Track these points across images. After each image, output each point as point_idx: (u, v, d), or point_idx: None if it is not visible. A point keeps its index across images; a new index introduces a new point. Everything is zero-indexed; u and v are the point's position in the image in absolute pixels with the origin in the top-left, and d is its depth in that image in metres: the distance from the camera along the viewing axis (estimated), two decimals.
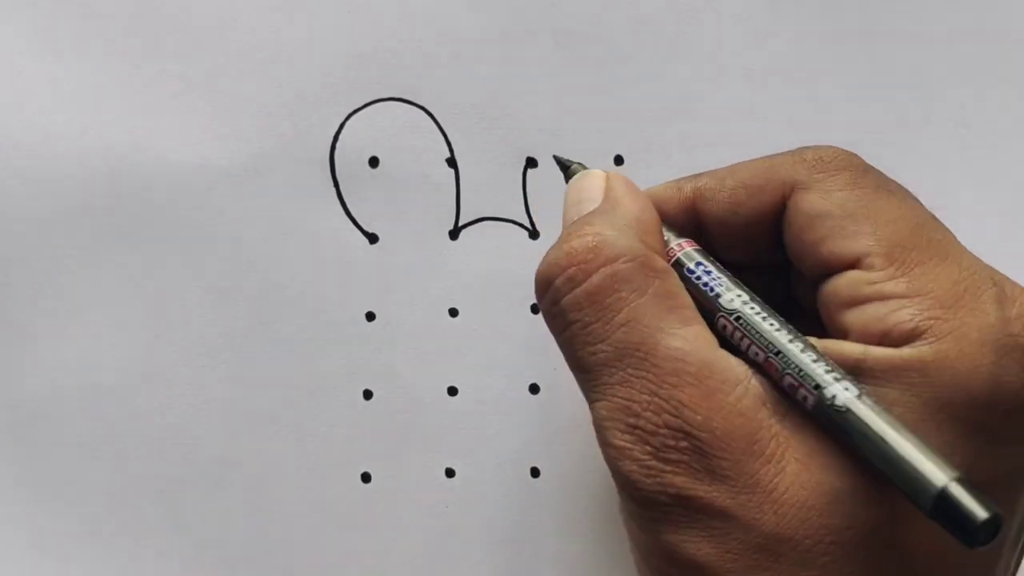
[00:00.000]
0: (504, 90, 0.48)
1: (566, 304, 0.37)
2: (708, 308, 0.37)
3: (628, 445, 0.35)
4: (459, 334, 0.49)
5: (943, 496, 0.32)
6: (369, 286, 0.49)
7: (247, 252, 0.49)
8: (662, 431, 0.34)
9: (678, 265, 0.38)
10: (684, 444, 0.34)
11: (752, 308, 0.37)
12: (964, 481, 0.32)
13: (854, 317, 0.36)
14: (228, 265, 0.49)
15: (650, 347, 0.35)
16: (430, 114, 0.49)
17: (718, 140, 0.49)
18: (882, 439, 0.33)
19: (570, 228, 0.38)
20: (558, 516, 0.49)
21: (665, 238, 0.39)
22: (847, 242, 0.36)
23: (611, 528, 0.49)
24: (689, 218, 0.40)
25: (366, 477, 0.50)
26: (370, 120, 0.48)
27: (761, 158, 0.40)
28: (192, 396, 0.49)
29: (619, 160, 0.49)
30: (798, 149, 0.39)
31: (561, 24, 0.48)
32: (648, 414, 0.35)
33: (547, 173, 0.49)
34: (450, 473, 0.49)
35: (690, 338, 0.35)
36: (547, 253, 0.38)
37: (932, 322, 0.34)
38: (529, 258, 0.48)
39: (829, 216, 0.37)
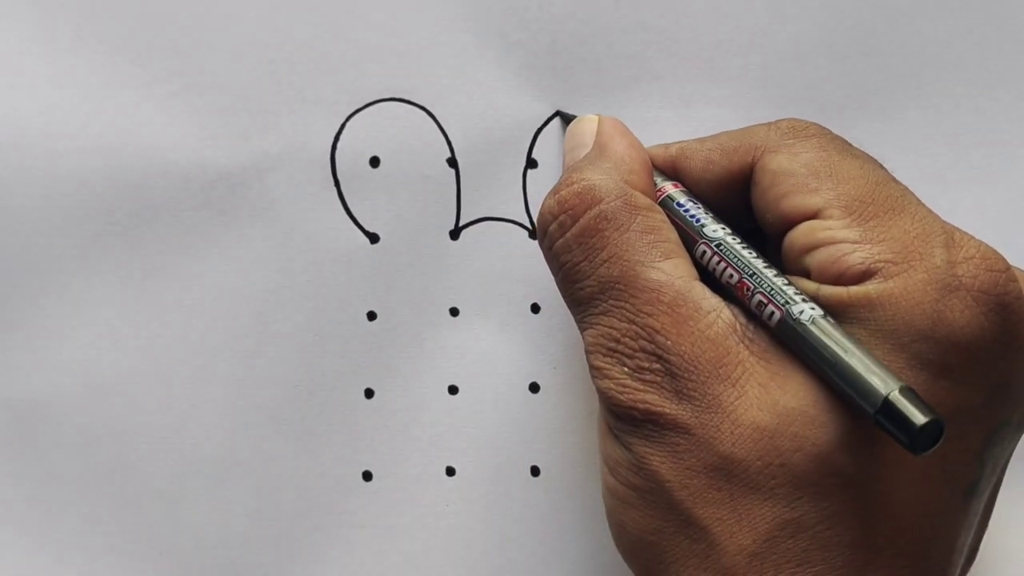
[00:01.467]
0: (504, 90, 0.48)
1: (558, 248, 0.41)
2: (691, 238, 0.40)
3: (607, 366, 0.39)
4: (459, 334, 0.49)
5: (887, 403, 0.34)
6: (370, 286, 0.49)
7: (247, 251, 0.49)
8: (638, 354, 0.38)
9: (667, 201, 0.42)
10: (656, 366, 0.38)
11: (733, 237, 0.40)
12: (907, 390, 0.34)
13: (810, 259, 0.38)
14: (228, 265, 0.49)
15: (629, 279, 0.39)
16: (431, 114, 0.49)
17: None
18: (837, 352, 0.35)
19: (562, 177, 0.42)
20: (558, 516, 0.49)
21: (655, 180, 0.42)
22: (808, 196, 0.39)
23: None
24: (671, 174, 0.43)
25: (367, 476, 0.50)
26: (371, 120, 0.48)
27: (744, 128, 0.42)
28: (192, 396, 0.49)
29: None
30: (775, 120, 0.42)
31: (561, 24, 0.48)
32: (626, 340, 0.38)
33: (547, 173, 0.49)
34: (450, 472, 0.50)
35: (667, 270, 0.39)
36: (543, 202, 0.42)
37: (882, 264, 0.37)
38: (529, 258, 0.49)
39: (793, 174, 0.39)
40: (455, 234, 0.49)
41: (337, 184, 0.49)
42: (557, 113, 0.48)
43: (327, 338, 0.49)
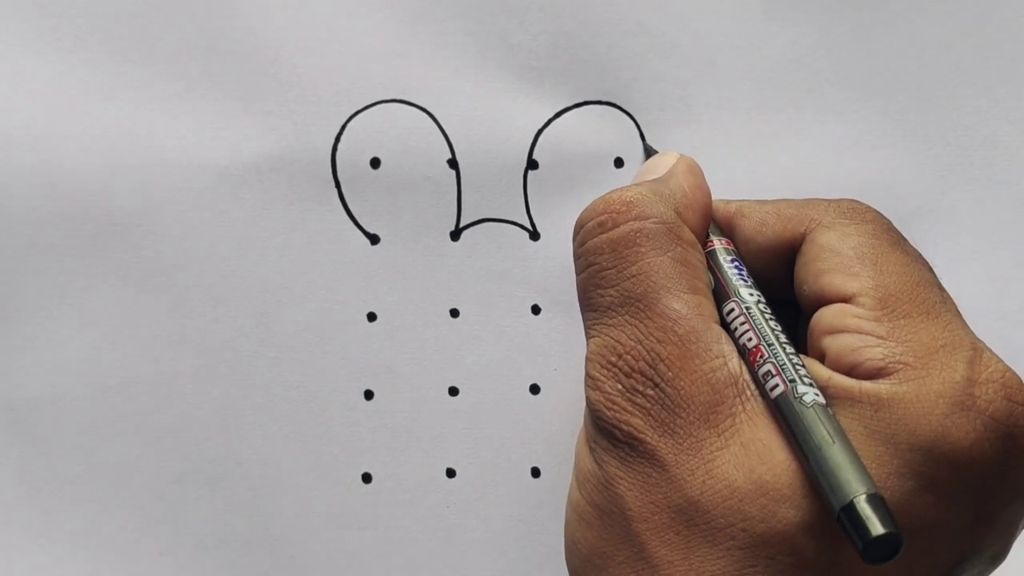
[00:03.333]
0: (504, 92, 0.49)
1: (590, 246, 0.40)
2: (724, 293, 0.40)
3: (603, 378, 0.38)
4: (460, 334, 0.49)
5: (851, 505, 0.33)
6: (370, 286, 0.49)
7: (248, 252, 0.49)
8: (635, 375, 0.38)
9: (712, 254, 0.41)
10: (650, 392, 0.37)
11: (765, 307, 0.39)
12: (876, 498, 0.34)
13: (831, 342, 0.37)
14: (228, 265, 0.49)
15: (650, 301, 0.38)
16: (431, 115, 0.49)
17: (717, 142, 0.49)
18: (824, 442, 0.35)
19: (623, 187, 0.41)
20: (558, 516, 0.49)
21: (709, 233, 0.42)
22: (847, 279, 0.38)
23: None
24: (726, 229, 0.43)
25: (367, 477, 0.50)
26: (372, 121, 0.48)
27: (803, 198, 0.42)
28: (192, 396, 0.49)
29: (619, 162, 0.49)
30: (837, 198, 0.41)
31: (561, 26, 0.48)
32: (628, 357, 0.38)
33: (547, 174, 0.49)
34: (451, 473, 0.50)
35: (690, 304, 0.38)
36: (591, 203, 0.41)
37: (900, 366, 0.36)
38: (530, 259, 0.49)
39: (839, 254, 0.39)
40: (456, 235, 0.49)
41: (338, 185, 0.49)
42: (643, 142, 0.48)
43: (327, 339, 0.49)
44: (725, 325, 0.39)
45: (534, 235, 0.49)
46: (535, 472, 0.49)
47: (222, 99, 0.48)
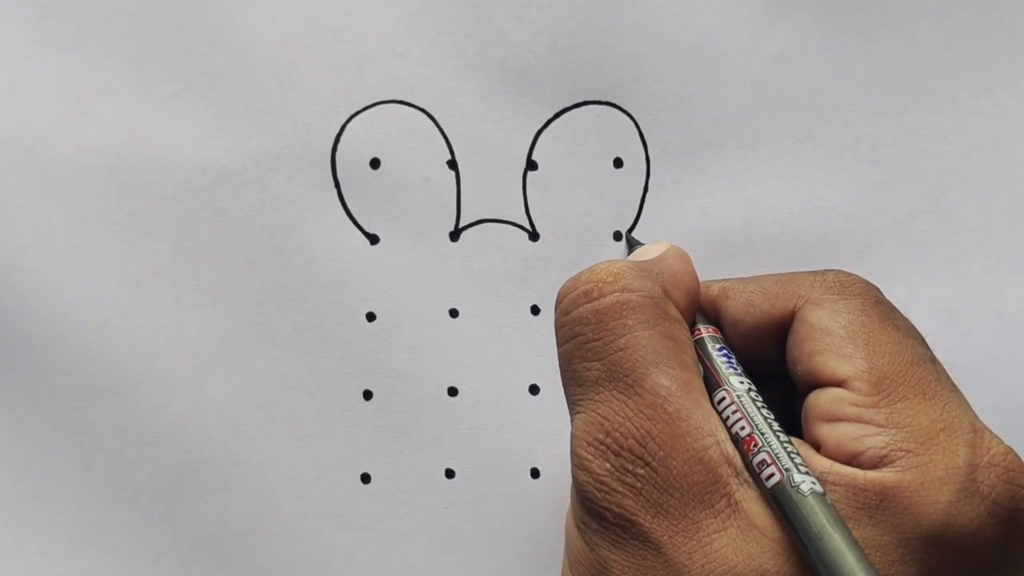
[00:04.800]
0: (504, 92, 0.49)
1: (574, 316, 0.39)
2: (714, 381, 0.39)
3: (591, 457, 0.37)
4: (459, 335, 0.49)
5: None
6: (370, 287, 0.49)
7: (247, 252, 0.49)
8: (624, 453, 0.36)
9: (701, 342, 0.40)
10: (641, 472, 0.36)
11: (756, 396, 0.38)
12: None
13: (829, 431, 0.37)
14: (228, 265, 0.49)
15: (639, 376, 0.37)
16: (431, 116, 0.49)
17: (717, 142, 0.49)
18: (824, 531, 0.34)
19: (606, 262, 0.40)
20: (558, 516, 0.49)
21: (696, 320, 0.41)
22: (840, 361, 0.37)
23: None
24: (712, 315, 0.42)
25: (366, 478, 0.50)
26: (371, 122, 0.49)
27: (787, 273, 0.41)
28: (191, 396, 0.49)
29: (618, 162, 0.49)
30: (822, 271, 0.40)
31: (561, 26, 0.48)
32: (617, 435, 0.36)
33: (547, 175, 0.49)
34: (450, 474, 0.49)
35: (680, 380, 0.37)
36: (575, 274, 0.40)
37: (903, 454, 0.35)
38: (529, 259, 0.49)
39: (830, 333, 0.38)
40: (455, 235, 0.49)
41: (337, 185, 0.49)
42: (623, 237, 0.48)
43: (326, 339, 0.49)
44: (716, 413, 0.38)
45: (533, 235, 0.49)
46: (534, 472, 0.49)
47: (222, 99, 0.48)
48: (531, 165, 0.49)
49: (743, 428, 0.37)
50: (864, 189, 0.48)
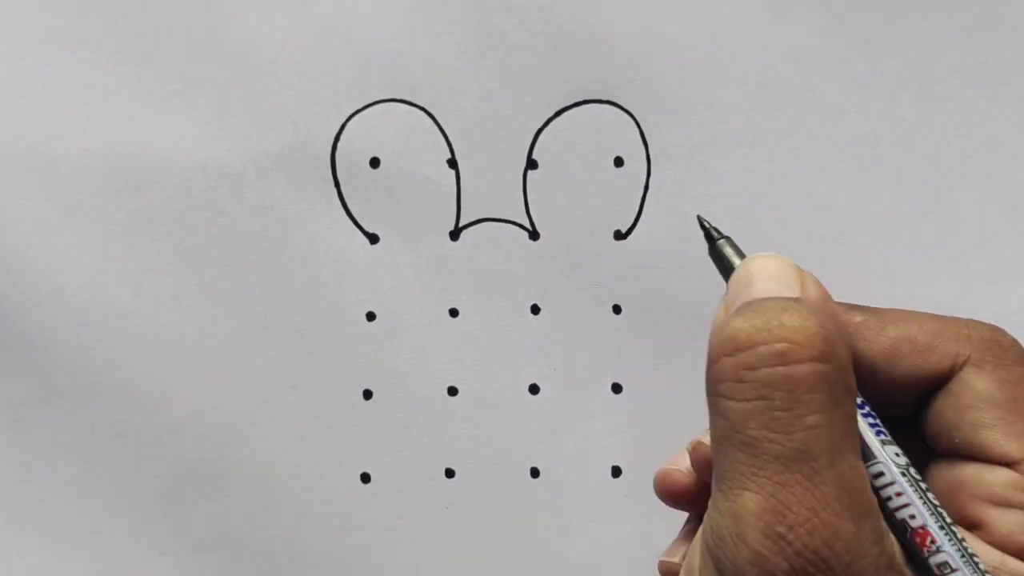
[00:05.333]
0: (504, 91, 0.48)
1: (764, 376, 0.33)
2: (867, 450, 0.35)
3: (766, 553, 0.32)
4: (459, 334, 0.49)
5: None
6: (370, 286, 0.49)
7: (247, 252, 0.49)
8: (808, 554, 0.32)
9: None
10: None
11: (915, 473, 0.34)
12: None
13: (998, 517, 0.34)
14: (228, 265, 0.49)
15: (828, 463, 0.32)
16: (431, 115, 0.49)
17: (718, 141, 0.49)
18: None
19: (781, 302, 0.35)
20: (558, 517, 0.49)
21: None
22: (1012, 439, 0.34)
23: (611, 528, 0.49)
24: None
25: (366, 477, 0.50)
26: (371, 121, 0.48)
27: (928, 315, 0.37)
28: (192, 396, 0.49)
29: (619, 162, 0.49)
30: (971, 321, 0.36)
31: (561, 25, 0.48)
32: (801, 531, 0.32)
33: (547, 174, 0.49)
34: (450, 473, 0.49)
35: (860, 472, 0.33)
36: (751, 310, 0.34)
37: None
38: (529, 258, 0.49)
39: (998, 405, 0.35)
40: (455, 235, 0.49)
41: (337, 184, 0.49)
42: (702, 224, 0.41)
43: (326, 338, 0.49)
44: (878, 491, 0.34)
45: (534, 235, 0.49)
46: (534, 472, 0.49)
47: (222, 99, 0.48)
48: (531, 164, 0.49)
49: (912, 517, 0.33)
50: (864, 189, 0.48)
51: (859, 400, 0.35)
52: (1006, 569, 0.33)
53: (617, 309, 0.49)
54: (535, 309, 0.49)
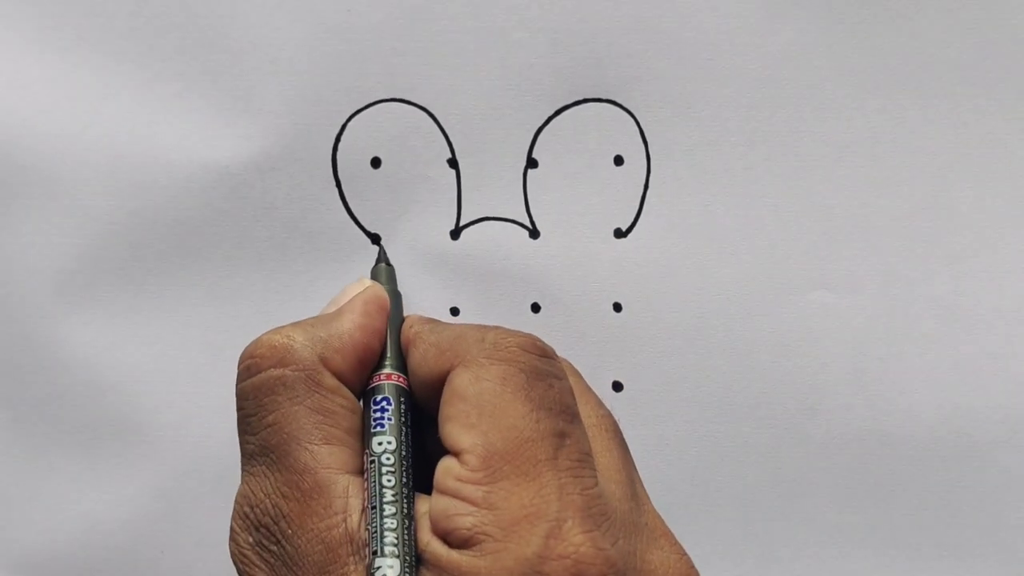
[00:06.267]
0: (504, 91, 0.49)
1: (239, 390, 0.40)
2: (365, 441, 0.39)
3: (238, 529, 0.39)
4: None
5: None
6: None
7: (249, 251, 0.49)
8: (262, 529, 0.38)
9: (369, 392, 0.40)
10: (274, 548, 0.37)
11: (388, 459, 0.38)
12: None
13: (435, 503, 0.37)
14: (229, 264, 0.49)
15: (283, 453, 0.38)
16: (431, 115, 0.49)
17: (718, 139, 0.49)
18: None
19: (294, 323, 0.41)
20: None
21: (384, 366, 0.41)
22: (462, 432, 0.37)
23: None
24: (406, 355, 0.42)
25: None
26: (372, 120, 0.48)
27: (472, 326, 0.41)
28: (193, 395, 0.49)
29: (619, 160, 0.49)
30: (491, 327, 0.40)
31: (561, 24, 0.48)
32: (258, 510, 0.38)
33: (547, 173, 0.49)
34: None
35: (320, 456, 0.38)
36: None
37: (484, 538, 0.35)
38: (530, 257, 0.49)
39: (464, 400, 0.38)
40: (455, 234, 0.49)
41: (338, 184, 0.49)
42: (377, 262, 0.47)
43: None
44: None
45: (534, 233, 0.49)
46: None
47: (222, 98, 0.48)
48: (531, 163, 0.49)
49: (367, 499, 0.37)
50: (864, 188, 0.49)
51: (385, 387, 0.40)
52: (428, 551, 0.36)
53: (617, 307, 0.49)
54: (535, 307, 0.49)
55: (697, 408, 0.49)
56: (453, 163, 0.49)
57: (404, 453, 0.38)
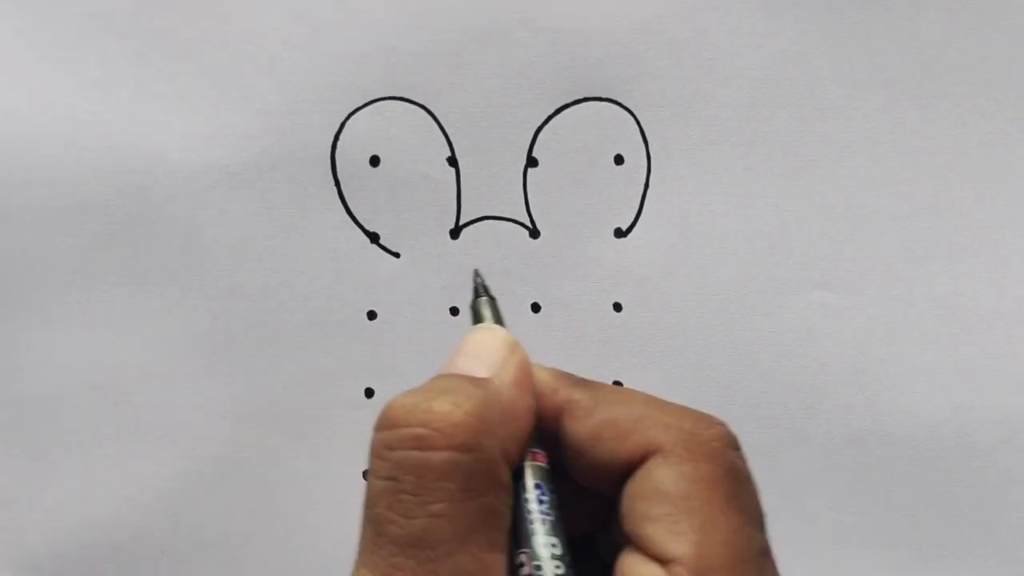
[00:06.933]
0: (504, 89, 0.48)
1: (398, 458, 0.34)
2: (520, 535, 0.35)
3: None
4: (460, 332, 0.49)
5: None
6: (370, 285, 0.49)
7: (248, 251, 0.49)
8: None
9: (520, 473, 0.36)
10: None
11: (559, 566, 0.34)
12: None
13: None
14: (229, 264, 0.49)
15: (441, 553, 0.33)
16: (431, 113, 0.49)
17: (718, 139, 0.49)
18: None
19: (452, 382, 0.35)
20: None
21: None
22: (669, 538, 0.34)
23: None
24: (551, 428, 0.37)
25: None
26: (371, 119, 0.48)
27: (643, 397, 0.37)
28: (192, 395, 0.49)
29: (619, 159, 0.49)
30: (682, 410, 0.36)
31: (561, 23, 0.48)
32: None
33: (547, 172, 0.49)
34: None
35: (483, 566, 0.33)
36: (417, 389, 0.35)
37: None
38: (529, 257, 0.49)
39: (670, 501, 0.34)
40: (455, 233, 0.49)
41: (337, 183, 0.49)
42: (475, 295, 0.41)
43: (327, 337, 0.49)
44: (514, 570, 0.34)
45: (534, 233, 0.49)
46: None
47: (222, 98, 0.48)
48: (531, 162, 0.49)
49: None
50: (864, 188, 0.49)
51: (538, 471, 0.35)
52: None
53: (617, 307, 0.49)
54: (535, 307, 0.49)
55: (697, 406, 0.49)
56: (453, 162, 0.49)
57: (569, 558, 0.35)
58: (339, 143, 0.49)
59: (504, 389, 0.36)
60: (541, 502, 0.35)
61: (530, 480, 0.35)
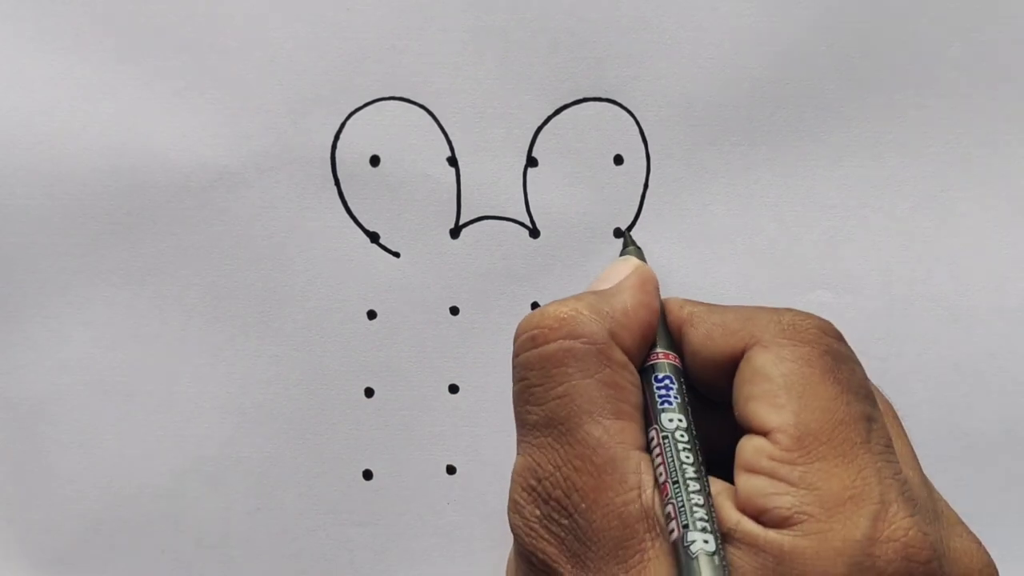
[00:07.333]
0: (504, 89, 0.48)
1: (522, 360, 0.39)
2: (649, 416, 0.39)
3: (523, 502, 0.38)
4: (460, 332, 0.49)
5: None
6: (370, 284, 0.49)
7: (248, 251, 0.49)
8: (552, 502, 0.37)
9: (649, 370, 0.40)
10: (565, 522, 0.37)
11: (682, 436, 0.38)
12: None
13: (744, 482, 0.36)
14: (229, 264, 0.49)
15: (572, 426, 0.37)
16: (431, 113, 0.49)
17: (718, 139, 0.49)
18: None
19: (578, 296, 0.40)
20: None
21: (655, 343, 0.41)
22: (771, 411, 0.37)
23: None
24: (677, 336, 0.41)
25: (367, 474, 0.50)
26: (371, 119, 0.48)
27: (756, 308, 0.40)
28: (193, 394, 0.49)
29: (619, 159, 0.49)
30: (783, 310, 0.40)
31: (561, 23, 0.48)
32: (547, 483, 0.37)
33: (547, 172, 0.49)
34: (451, 470, 0.50)
35: (612, 431, 0.37)
36: (534, 311, 0.40)
37: (806, 518, 0.35)
38: (530, 256, 0.49)
39: (769, 379, 0.38)
40: (455, 233, 0.49)
41: (337, 183, 0.49)
42: (622, 234, 0.48)
43: (327, 337, 0.49)
44: (649, 451, 0.38)
45: (534, 232, 0.49)
46: None
47: (221, 97, 0.48)
48: (531, 162, 0.49)
49: (661, 474, 0.37)
50: (864, 187, 0.49)
51: (664, 365, 0.40)
52: (740, 529, 0.35)
53: None
54: (535, 306, 0.49)
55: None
56: (453, 161, 0.49)
57: (695, 432, 0.38)
58: (339, 143, 0.49)
59: (621, 292, 0.40)
60: (668, 388, 0.39)
61: (659, 372, 0.39)
